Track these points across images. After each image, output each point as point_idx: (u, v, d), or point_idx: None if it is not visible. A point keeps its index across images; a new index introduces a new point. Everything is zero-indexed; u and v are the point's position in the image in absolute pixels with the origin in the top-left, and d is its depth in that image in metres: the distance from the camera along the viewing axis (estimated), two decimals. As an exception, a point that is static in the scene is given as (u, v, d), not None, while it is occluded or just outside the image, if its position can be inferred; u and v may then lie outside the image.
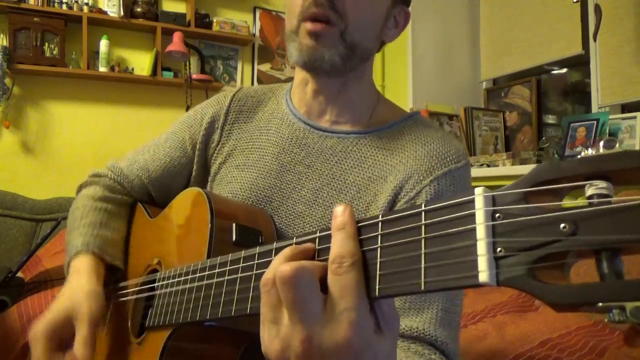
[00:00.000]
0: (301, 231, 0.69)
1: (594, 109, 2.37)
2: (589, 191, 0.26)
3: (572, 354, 1.20)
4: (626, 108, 2.32)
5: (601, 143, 0.26)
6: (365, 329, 0.35)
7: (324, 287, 0.36)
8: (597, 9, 2.22)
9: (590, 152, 0.27)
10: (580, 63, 2.60)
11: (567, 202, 0.27)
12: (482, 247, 0.28)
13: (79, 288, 0.65)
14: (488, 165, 2.42)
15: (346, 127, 0.73)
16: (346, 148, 0.71)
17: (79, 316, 0.62)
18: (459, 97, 3.01)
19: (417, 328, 0.60)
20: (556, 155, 2.28)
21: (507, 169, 2.29)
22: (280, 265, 0.36)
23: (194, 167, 0.81)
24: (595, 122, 2.16)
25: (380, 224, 0.35)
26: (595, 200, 0.25)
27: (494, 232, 0.28)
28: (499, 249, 0.28)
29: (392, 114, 0.76)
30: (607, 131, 2.12)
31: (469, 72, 3.13)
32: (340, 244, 0.35)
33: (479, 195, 0.30)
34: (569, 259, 0.27)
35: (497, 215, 0.29)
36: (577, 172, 0.26)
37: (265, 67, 3.17)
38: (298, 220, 0.69)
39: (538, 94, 2.78)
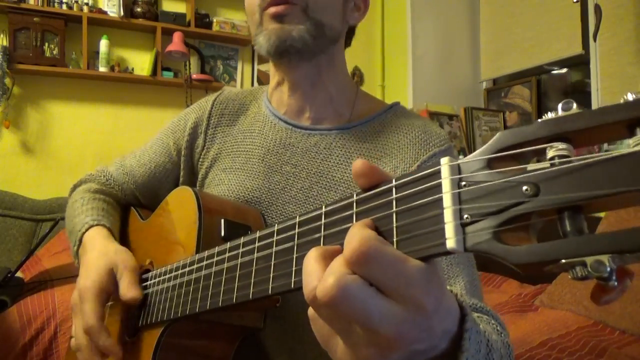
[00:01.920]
0: None
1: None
2: (550, 153, 0.26)
3: (572, 354, 1.20)
4: (626, 108, 2.32)
5: (559, 105, 0.27)
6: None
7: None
8: (597, 9, 2.22)
9: (550, 115, 0.27)
10: (580, 63, 2.60)
11: (530, 166, 0.27)
12: (448, 215, 0.29)
13: (107, 248, 0.66)
14: (488, 165, 2.42)
15: (328, 123, 0.74)
16: (330, 144, 0.72)
17: (119, 267, 0.63)
18: (459, 97, 3.01)
19: (457, 294, 0.58)
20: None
21: (507, 169, 2.29)
22: (319, 285, 0.30)
23: (181, 173, 0.82)
24: (595, 122, 2.15)
25: (354, 203, 0.35)
26: (556, 161, 0.26)
27: (460, 200, 0.29)
28: (465, 216, 0.28)
29: (372, 106, 0.77)
30: (607, 131, 2.12)
31: (469, 72, 3.13)
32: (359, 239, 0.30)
33: (445, 165, 0.30)
34: (533, 220, 0.27)
35: (463, 183, 0.29)
36: (538, 135, 0.27)
37: (265, 67, 3.17)
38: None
39: (538, 94, 2.78)
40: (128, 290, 0.60)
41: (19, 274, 1.72)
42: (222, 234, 0.59)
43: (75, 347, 0.62)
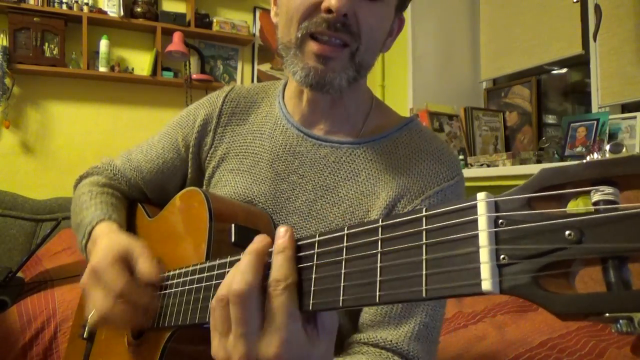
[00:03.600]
0: None
1: (594, 109, 2.37)
2: (595, 197, 0.25)
3: (572, 354, 1.20)
4: (626, 108, 2.32)
5: (607, 147, 0.26)
6: (295, 344, 0.38)
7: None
8: (597, 9, 2.22)
9: (596, 156, 0.26)
10: (580, 63, 2.60)
11: (571, 209, 0.26)
12: (484, 255, 0.28)
13: (119, 237, 0.64)
14: (488, 165, 2.42)
15: (340, 136, 0.72)
16: (339, 159, 0.70)
17: (135, 251, 0.60)
18: (459, 97, 3.01)
19: (391, 341, 0.61)
20: (556, 155, 2.27)
21: (507, 169, 2.29)
22: (232, 283, 0.40)
23: (189, 169, 0.80)
24: (595, 122, 2.16)
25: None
26: (601, 207, 0.25)
27: (497, 239, 0.28)
28: (502, 256, 0.27)
29: (386, 121, 0.74)
30: (607, 131, 2.12)
31: (469, 72, 3.13)
32: (277, 268, 0.39)
33: (482, 201, 0.29)
34: (574, 267, 0.26)
35: (500, 221, 0.28)
36: (583, 177, 0.26)
37: (265, 67, 3.17)
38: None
39: (538, 94, 2.78)
40: (147, 268, 0.58)
41: (19, 274, 1.72)
42: (233, 239, 0.59)
43: (102, 320, 0.58)
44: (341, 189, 0.68)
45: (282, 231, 0.40)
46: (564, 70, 2.78)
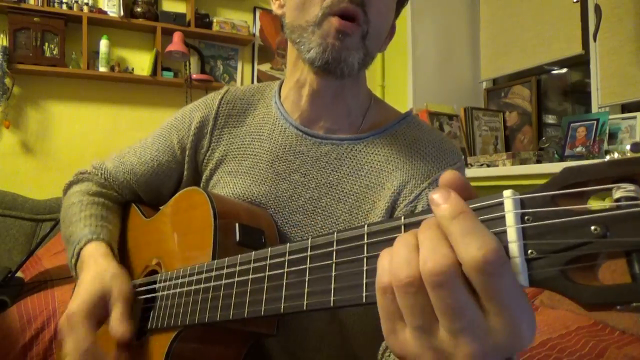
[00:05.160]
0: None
1: (594, 109, 2.37)
2: (617, 194, 0.26)
3: (572, 354, 1.20)
4: (626, 108, 2.32)
5: (628, 147, 0.28)
6: (526, 322, 0.30)
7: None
8: (597, 9, 2.22)
9: (616, 156, 0.28)
10: (580, 63, 2.60)
11: (593, 205, 0.27)
12: (514, 249, 0.29)
13: (105, 271, 0.65)
14: (488, 165, 2.42)
15: (340, 133, 0.72)
16: (341, 155, 0.70)
17: (113, 295, 0.62)
18: (459, 97, 3.01)
19: None
20: (556, 156, 2.27)
21: (507, 169, 2.29)
22: (427, 262, 0.29)
23: (185, 172, 0.80)
24: (595, 122, 2.16)
25: (403, 226, 0.35)
26: (623, 203, 0.26)
27: (524, 235, 0.29)
28: (529, 251, 0.28)
29: (385, 116, 0.75)
30: (607, 131, 2.12)
31: (469, 72, 3.13)
32: (464, 234, 0.29)
33: (508, 198, 0.30)
34: (599, 260, 0.27)
35: (527, 217, 0.29)
36: (605, 175, 0.27)
37: (265, 67, 3.17)
38: (296, 229, 0.68)
39: (538, 94, 2.78)
40: (119, 324, 0.60)
41: (19, 274, 1.72)
42: (237, 238, 0.59)
43: None
44: (345, 185, 0.69)
45: (441, 196, 0.31)
46: (564, 70, 2.78)
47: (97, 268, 0.65)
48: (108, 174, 0.82)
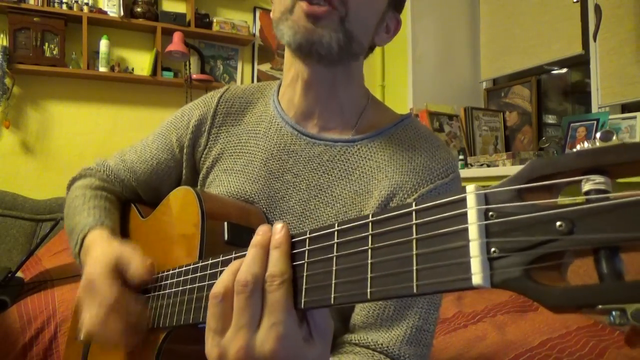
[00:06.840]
0: None
1: (594, 109, 2.37)
2: (586, 186, 0.25)
3: (572, 354, 1.20)
4: (626, 108, 2.32)
5: (598, 135, 0.25)
6: (293, 340, 0.38)
7: None
8: (597, 9, 2.22)
9: (586, 145, 0.25)
10: (580, 63, 2.60)
11: (562, 199, 0.25)
12: (475, 248, 0.27)
13: (111, 244, 0.64)
14: (488, 165, 2.42)
15: (334, 134, 0.71)
16: (333, 157, 0.69)
17: (126, 255, 0.61)
18: (459, 97, 3.01)
19: (382, 344, 0.61)
20: (556, 155, 2.27)
21: (507, 169, 2.29)
22: (238, 273, 0.40)
23: (184, 170, 0.80)
24: (595, 122, 2.16)
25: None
26: (592, 197, 0.24)
27: (487, 232, 0.27)
28: (492, 250, 0.27)
29: (382, 118, 0.73)
30: (607, 131, 2.12)
31: (469, 72, 3.13)
32: (274, 263, 0.39)
33: (471, 194, 0.28)
34: (566, 259, 0.25)
35: (490, 214, 0.27)
36: (574, 166, 0.25)
37: (265, 67, 3.17)
38: None
39: (538, 94, 2.78)
40: (137, 270, 0.59)
41: (19, 274, 1.72)
42: (226, 237, 0.58)
43: (91, 334, 0.59)
44: (335, 189, 0.68)
45: (278, 227, 0.40)
46: (564, 70, 2.78)
47: (102, 247, 0.65)
48: (110, 171, 0.83)
